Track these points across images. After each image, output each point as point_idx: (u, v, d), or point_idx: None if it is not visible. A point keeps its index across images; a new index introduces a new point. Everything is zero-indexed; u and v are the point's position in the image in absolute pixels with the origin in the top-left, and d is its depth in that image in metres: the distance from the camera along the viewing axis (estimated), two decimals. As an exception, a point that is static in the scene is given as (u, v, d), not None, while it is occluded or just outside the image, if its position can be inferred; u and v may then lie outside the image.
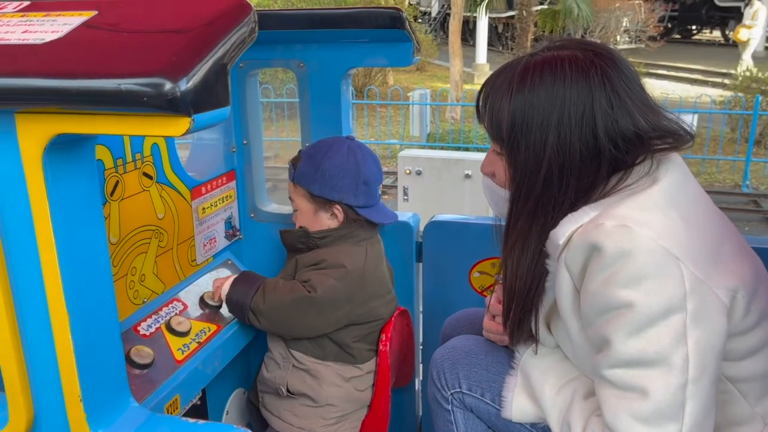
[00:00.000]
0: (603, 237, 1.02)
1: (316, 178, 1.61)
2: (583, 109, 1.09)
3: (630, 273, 1.00)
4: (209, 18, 0.86)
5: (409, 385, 1.98)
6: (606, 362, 1.04)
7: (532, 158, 1.12)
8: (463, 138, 9.67)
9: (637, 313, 0.99)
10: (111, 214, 1.43)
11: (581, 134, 1.09)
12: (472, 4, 13.01)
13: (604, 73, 1.10)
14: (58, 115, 0.85)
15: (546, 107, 1.10)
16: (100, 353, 1.04)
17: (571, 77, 1.09)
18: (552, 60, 1.12)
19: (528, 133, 1.12)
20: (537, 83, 1.11)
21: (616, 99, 1.09)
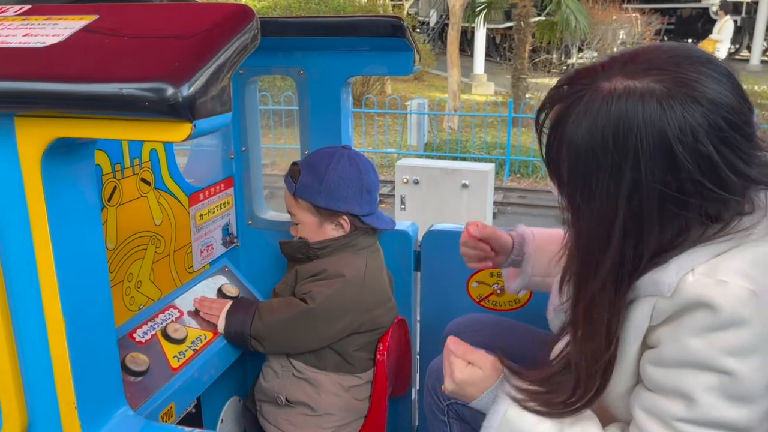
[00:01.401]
0: (724, 298, 0.91)
1: (321, 190, 1.59)
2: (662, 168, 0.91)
3: (741, 343, 0.91)
4: (212, 24, 0.86)
5: (406, 395, 1.97)
6: (680, 415, 0.96)
7: (598, 227, 0.97)
8: (460, 148, 9.70)
9: (736, 384, 0.92)
10: (108, 220, 1.42)
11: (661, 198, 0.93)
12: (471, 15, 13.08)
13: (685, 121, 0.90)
14: (58, 119, 0.85)
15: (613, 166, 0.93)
16: (96, 360, 1.03)
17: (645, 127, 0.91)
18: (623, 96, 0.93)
19: (592, 198, 0.96)
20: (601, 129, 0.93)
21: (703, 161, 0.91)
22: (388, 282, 1.75)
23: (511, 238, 1.54)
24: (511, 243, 1.53)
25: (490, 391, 1.16)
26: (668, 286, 0.95)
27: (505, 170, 9.29)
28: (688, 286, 0.94)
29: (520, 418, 1.09)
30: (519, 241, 1.54)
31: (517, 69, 11.95)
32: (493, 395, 1.16)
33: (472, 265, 1.56)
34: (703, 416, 0.95)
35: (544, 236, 1.53)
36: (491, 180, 6.15)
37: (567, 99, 0.99)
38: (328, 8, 12.81)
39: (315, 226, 1.63)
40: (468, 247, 1.52)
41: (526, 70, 12.05)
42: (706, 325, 0.93)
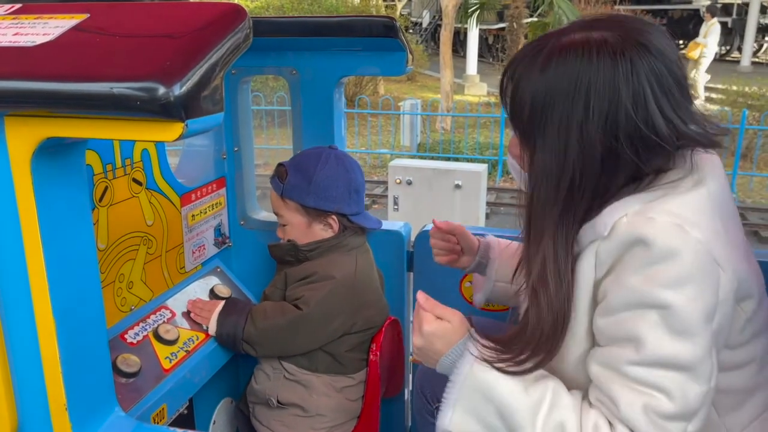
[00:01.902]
0: (654, 232, 0.98)
1: (310, 191, 1.59)
2: (607, 106, 1.01)
3: (675, 274, 0.97)
4: (204, 23, 0.86)
5: (399, 396, 1.97)
6: (630, 358, 1.00)
7: (553, 159, 1.05)
8: (453, 148, 9.71)
9: (675, 316, 0.97)
10: (99, 220, 1.41)
11: (603, 135, 1.02)
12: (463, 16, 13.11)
13: (633, 66, 1.00)
14: (48, 119, 0.84)
15: (567, 100, 1.02)
16: (87, 361, 1.02)
17: (597, 67, 1.01)
18: (579, 43, 1.03)
19: (548, 126, 1.04)
20: (560, 70, 1.03)
21: (640, 99, 1.01)
22: (378, 281, 1.74)
23: (477, 241, 1.62)
24: (477, 245, 1.61)
25: (457, 345, 1.16)
26: (604, 226, 1.04)
27: (498, 171, 9.31)
28: (622, 226, 1.02)
29: (484, 375, 1.10)
30: (485, 245, 1.61)
31: (509, 70, 11.97)
32: (459, 351, 1.15)
33: (440, 258, 1.62)
34: (651, 355, 0.98)
35: (507, 244, 1.60)
36: (484, 180, 6.16)
37: (529, 54, 1.09)
38: (320, 8, 12.80)
39: (303, 227, 1.62)
40: (436, 239, 1.60)
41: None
42: (643, 261, 0.99)
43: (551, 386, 1.08)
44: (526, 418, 1.06)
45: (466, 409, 1.12)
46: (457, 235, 1.59)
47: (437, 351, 1.18)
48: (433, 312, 1.20)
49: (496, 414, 1.09)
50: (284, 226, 1.66)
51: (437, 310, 1.20)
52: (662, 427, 0.98)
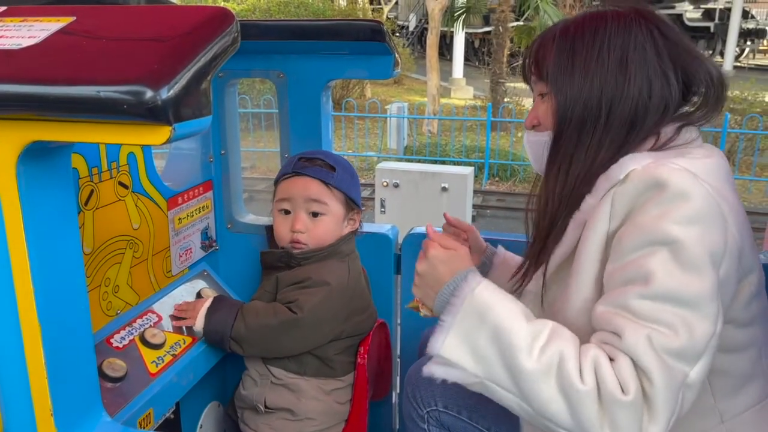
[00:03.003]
0: (669, 174, 1.04)
1: (353, 184, 1.66)
2: (624, 51, 1.14)
3: (686, 213, 1.01)
4: (191, 27, 0.86)
5: (386, 399, 1.97)
6: (636, 292, 1.00)
7: (577, 91, 1.16)
8: (439, 151, 9.74)
9: (684, 251, 0.99)
10: (85, 224, 1.40)
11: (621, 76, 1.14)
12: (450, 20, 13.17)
13: (643, 25, 1.16)
14: (34, 122, 0.83)
15: (595, 53, 1.15)
16: (73, 366, 1.01)
17: (613, 27, 1.15)
18: (594, 14, 1.20)
19: (573, 65, 1.16)
20: (579, 29, 1.18)
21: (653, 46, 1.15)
22: (367, 288, 1.75)
23: (486, 243, 1.64)
24: (485, 246, 1.63)
25: (460, 272, 1.14)
26: (620, 170, 1.10)
27: (484, 174, 9.35)
28: (637, 171, 1.08)
29: (484, 296, 1.08)
30: (491, 250, 1.64)
31: (495, 73, 12.05)
32: (462, 276, 1.13)
33: None
34: (658, 288, 0.99)
35: (510, 256, 1.62)
36: (470, 183, 6.19)
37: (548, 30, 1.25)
38: (307, 12, 12.80)
39: (341, 218, 1.65)
40: (448, 233, 1.62)
41: (504, 75, 12.16)
42: (656, 201, 1.03)
43: (551, 323, 1.07)
44: (521, 343, 1.02)
45: (459, 334, 1.07)
46: (467, 233, 1.61)
47: (439, 277, 1.16)
48: (440, 242, 1.20)
49: (490, 338, 1.04)
50: (318, 216, 1.61)
51: (444, 241, 1.21)
52: (665, 362, 0.96)
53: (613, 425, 0.95)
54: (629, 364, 0.97)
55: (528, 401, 1.01)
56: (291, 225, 1.62)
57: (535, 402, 1.00)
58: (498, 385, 1.04)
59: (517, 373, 1.00)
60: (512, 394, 1.02)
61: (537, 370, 0.99)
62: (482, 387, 1.06)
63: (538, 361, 1.00)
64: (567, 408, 0.97)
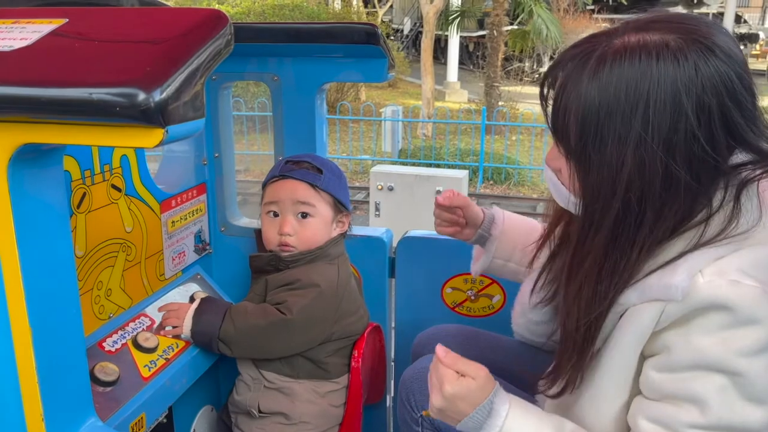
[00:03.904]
0: (738, 297, 0.90)
1: (341, 187, 1.66)
2: (668, 124, 0.90)
3: (753, 341, 0.91)
4: (185, 29, 0.85)
5: (381, 402, 1.96)
6: (690, 421, 0.94)
7: (606, 179, 0.95)
8: (434, 154, 9.76)
9: (747, 383, 0.92)
10: (77, 227, 1.39)
11: (663, 153, 0.91)
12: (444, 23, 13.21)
13: (698, 71, 0.90)
14: (26, 125, 0.83)
15: (624, 117, 0.91)
16: (64, 370, 1.00)
17: (657, 79, 0.90)
18: (635, 48, 0.92)
19: (601, 148, 0.94)
20: (614, 82, 0.92)
21: (704, 110, 0.90)
22: (358, 290, 1.74)
23: (483, 213, 1.58)
24: (482, 217, 1.57)
25: (483, 405, 1.06)
26: (681, 290, 0.93)
27: (479, 177, 9.37)
28: (700, 287, 0.92)
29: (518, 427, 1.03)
30: (489, 219, 1.58)
31: (490, 77, 12.09)
32: (486, 411, 1.06)
33: (443, 229, 1.58)
34: (717, 420, 0.92)
35: (513, 221, 1.57)
36: (465, 187, 6.20)
37: (576, 58, 0.97)
38: (302, 15, 12.80)
39: (329, 221, 1.65)
40: (440, 209, 1.56)
41: (498, 78, 12.20)
42: (721, 325, 0.92)
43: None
44: None
45: None
46: (462, 208, 1.55)
47: (460, 412, 1.08)
48: (455, 367, 1.08)
49: None
50: (306, 218, 1.61)
51: (459, 365, 1.09)
52: None
53: None
54: None
55: None
56: (279, 228, 1.61)
57: None
58: None
59: None
60: None
61: None
62: None
63: None
64: None
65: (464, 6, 13.63)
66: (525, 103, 13.46)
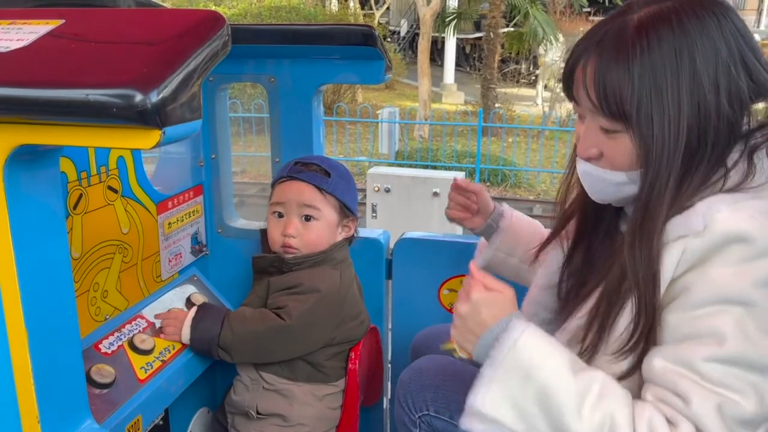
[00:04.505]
0: (757, 229, 0.95)
1: (349, 191, 1.65)
2: (712, 66, 1.01)
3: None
4: (181, 30, 0.85)
5: (378, 404, 1.96)
6: (706, 354, 0.95)
7: (668, 128, 1.01)
8: (431, 156, 9.76)
9: (762, 314, 0.94)
10: (74, 228, 1.39)
11: (713, 94, 1.01)
12: (441, 25, 13.23)
13: (720, 24, 1.02)
14: (22, 126, 0.83)
15: (674, 68, 1.00)
16: (60, 372, 1.00)
17: (691, 31, 1.01)
18: (662, 14, 1.02)
19: (660, 100, 1.01)
20: (655, 45, 1.00)
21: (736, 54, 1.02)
22: (359, 295, 1.74)
23: (494, 205, 1.65)
24: (492, 208, 1.64)
25: (504, 319, 1.08)
26: (703, 220, 0.98)
27: (475, 179, 9.38)
28: (719, 221, 0.97)
29: (529, 351, 1.02)
30: (498, 212, 1.64)
31: (486, 79, 12.11)
32: (505, 325, 1.06)
33: (454, 213, 1.64)
34: (732, 353, 0.94)
35: (520, 218, 1.64)
36: (461, 188, 6.20)
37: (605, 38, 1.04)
38: (299, 16, 12.81)
39: (333, 225, 1.64)
40: (456, 193, 1.62)
41: (495, 80, 12.22)
42: (739, 258, 0.95)
43: (600, 377, 1.01)
44: (570, 403, 0.97)
45: (501, 390, 1.02)
46: (477, 194, 1.62)
47: (481, 321, 1.09)
48: (485, 281, 1.12)
49: (536, 398, 0.99)
50: (310, 221, 1.60)
51: (488, 281, 1.13)
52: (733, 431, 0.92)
53: None
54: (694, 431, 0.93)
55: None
56: (283, 229, 1.61)
57: None
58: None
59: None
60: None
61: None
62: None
63: (589, 422, 0.95)
64: None
65: (461, 8, 13.65)
66: (521, 105, 13.49)
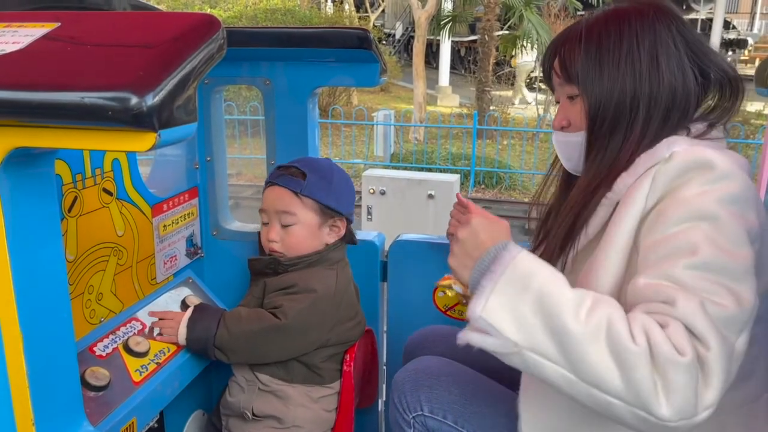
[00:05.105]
0: (716, 157, 1.08)
1: (331, 190, 1.61)
2: (652, 47, 1.18)
3: (729, 193, 1.05)
4: (177, 33, 0.85)
5: (373, 406, 1.96)
6: (684, 264, 1.01)
7: (606, 90, 1.20)
8: (426, 159, 9.76)
9: (725, 226, 1.03)
10: (68, 231, 1.39)
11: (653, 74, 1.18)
12: (436, 28, 13.24)
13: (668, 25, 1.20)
14: (17, 128, 0.83)
15: (616, 45, 1.19)
16: (55, 375, 1.00)
17: (638, 25, 1.20)
18: (615, 12, 1.23)
19: (602, 65, 1.20)
20: (604, 30, 1.21)
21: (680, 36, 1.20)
22: (356, 296, 1.74)
23: None
24: None
25: (502, 242, 1.12)
26: (667, 151, 1.14)
27: (470, 181, 9.38)
28: (684, 151, 1.12)
29: (528, 263, 1.06)
30: None
31: (481, 82, 12.12)
32: (503, 245, 1.10)
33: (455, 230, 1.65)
34: (706, 258, 1.00)
35: None
36: (456, 191, 6.21)
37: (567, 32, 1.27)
38: (294, 19, 12.80)
39: (314, 227, 1.61)
40: (458, 210, 1.59)
41: (490, 83, 12.23)
42: (705, 180, 1.07)
43: (593, 292, 1.05)
44: (567, 308, 0.99)
45: (500, 300, 1.03)
46: None
47: (480, 243, 1.13)
48: (482, 213, 1.25)
49: (534, 303, 1.01)
50: (288, 227, 1.60)
51: (485, 212, 1.26)
52: (718, 329, 0.96)
53: (667, 388, 0.92)
54: (683, 329, 0.95)
55: (574, 367, 0.96)
56: (267, 234, 1.63)
57: (582, 367, 0.96)
58: (540, 354, 0.99)
59: (564, 337, 0.97)
60: (555, 363, 0.98)
61: (585, 332, 0.96)
62: (520, 359, 1.01)
63: (586, 323, 0.97)
64: (618, 371, 0.94)
65: (456, 11, 13.67)
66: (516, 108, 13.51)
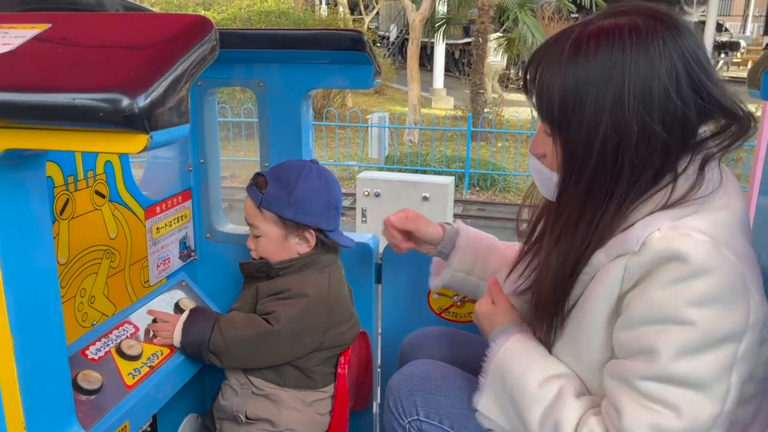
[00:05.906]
0: (690, 248, 0.96)
1: (289, 203, 1.55)
2: (642, 86, 1.01)
3: (705, 291, 0.96)
4: (169, 34, 0.85)
5: (367, 409, 1.96)
6: (643, 372, 0.99)
7: (583, 139, 1.04)
8: (420, 161, 9.78)
9: (697, 333, 0.96)
10: (60, 234, 1.38)
11: (638, 114, 1.01)
12: (430, 30, 13.27)
13: (666, 45, 1.02)
14: (8, 130, 0.82)
15: (601, 83, 1.02)
16: (46, 379, 0.99)
17: (630, 49, 1.01)
18: (609, 29, 1.03)
19: (581, 111, 1.03)
20: (592, 56, 1.03)
21: (675, 77, 1.02)
22: (349, 299, 1.74)
23: (442, 230, 1.61)
24: (440, 235, 1.60)
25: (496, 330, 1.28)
26: (636, 241, 1.01)
27: (465, 183, 9.40)
28: (655, 240, 1.00)
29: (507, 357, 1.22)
30: (452, 234, 1.61)
31: (475, 84, 12.15)
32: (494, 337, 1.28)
33: (401, 245, 1.64)
34: (664, 370, 0.97)
35: (476, 235, 1.62)
36: (451, 193, 6.22)
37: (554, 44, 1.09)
38: (288, 22, 12.81)
39: (279, 239, 1.59)
40: (390, 233, 1.64)
41: (484, 85, 12.26)
42: (673, 277, 0.97)
43: (562, 384, 1.13)
44: (530, 406, 1.14)
45: (489, 394, 1.24)
46: (412, 232, 1.60)
47: (483, 330, 1.34)
48: (491, 295, 1.35)
49: (511, 402, 1.18)
50: (257, 238, 1.61)
51: (494, 294, 1.34)
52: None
53: None
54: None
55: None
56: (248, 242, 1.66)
57: None
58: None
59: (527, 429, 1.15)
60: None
61: None
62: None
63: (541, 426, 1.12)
64: None
65: (450, 13, 13.70)
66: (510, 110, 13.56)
